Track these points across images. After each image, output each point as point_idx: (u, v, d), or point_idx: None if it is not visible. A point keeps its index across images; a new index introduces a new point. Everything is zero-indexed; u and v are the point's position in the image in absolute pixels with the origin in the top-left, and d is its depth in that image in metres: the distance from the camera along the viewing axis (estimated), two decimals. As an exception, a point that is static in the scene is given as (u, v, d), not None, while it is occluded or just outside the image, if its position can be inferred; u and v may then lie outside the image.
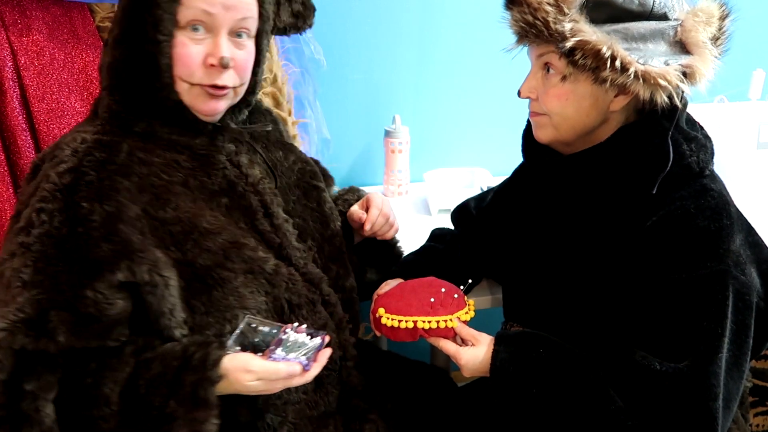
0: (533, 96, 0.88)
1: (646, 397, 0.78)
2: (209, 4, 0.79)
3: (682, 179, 0.83)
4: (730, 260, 0.79)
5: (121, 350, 0.78)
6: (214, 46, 0.81)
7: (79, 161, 0.79)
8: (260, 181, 0.91)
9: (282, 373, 0.76)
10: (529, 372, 0.84)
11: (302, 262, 0.92)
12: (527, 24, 0.81)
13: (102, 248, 0.76)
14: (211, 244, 0.82)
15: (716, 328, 0.77)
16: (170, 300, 0.79)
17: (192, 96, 0.83)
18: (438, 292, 0.92)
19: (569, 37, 0.77)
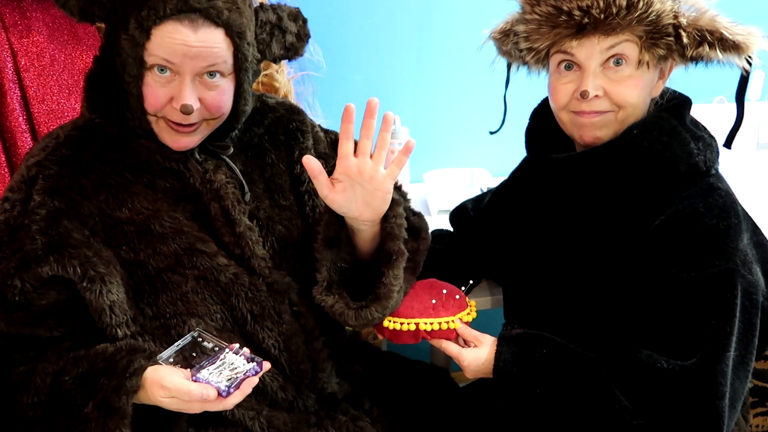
0: (600, 93, 0.83)
1: (652, 396, 0.78)
2: (170, 54, 0.77)
3: (690, 178, 0.82)
4: (738, 259, 0.79)
5: (59, 343, 0.81)
6: (178, 92, 0.80)
7: (45, 155, 0.83)
8: (224, 185, 0.88)
9: (194, 395, 0.73)
10: (532, 372, 0.84)
11: (267, 272, 0.89)
12: (618, 8, 0.77)
13: (36, 241, 0.79)
14: (164, 248, 0.83)
15: (725, 326, 0.77)
16: (109, 297, 0.80)
17: (159, 128, 0.84)
18: (439, 293, 0.92)
19: (683, 24, 0.78)
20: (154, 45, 0.77)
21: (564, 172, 0.91)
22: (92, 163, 0.84)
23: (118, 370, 0.76)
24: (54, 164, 0.82)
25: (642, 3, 0.77)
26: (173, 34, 0.77)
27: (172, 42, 0.77)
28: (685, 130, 0.84)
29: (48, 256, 0.78)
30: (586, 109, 0.84)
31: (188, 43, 0.77)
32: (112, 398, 0.74)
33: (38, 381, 0.78)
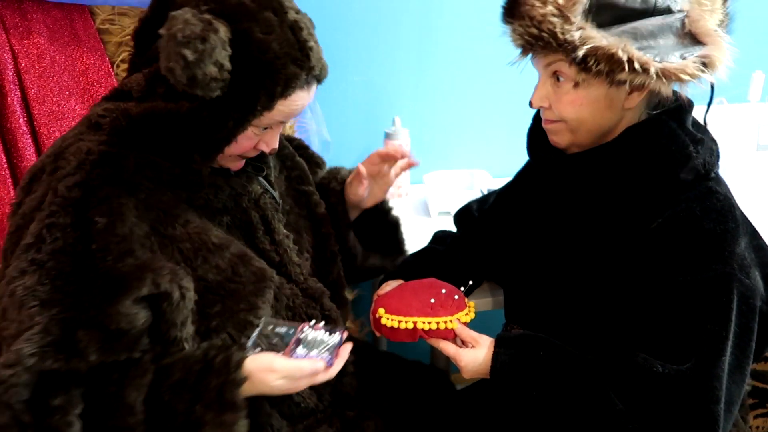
0: (545, 105, 0.86)
1: (648, 400, 0.78)
2: (286, 117, 0.82)
3: (689, 181, 0.82)
4: (735, 263, 0.79)
5: (140, 358, 0.77)
6: (271, 138, 0.86)
7: (87, 175, 0.77)
8: (261, 196, 0.92)
9: (306, 370, 0.78)
10: (529, 374, 0.84)
11: (302, 278, 0.93)
12: (532, 36, 0.79)
13: (126, 263, 0.74)
14: (220, 260, 0.82)
15: (720, 330, 0.77)
16: (184, 312, 0.78)
17: (227, 160, 0.86)
18: (438, 293, 0.92)
19: (580, 45, 0.76)
20: (276, 113, 0.80)
21: (562, 173, 0.91)
22: (135, 182, 0.79)
23: (218, 367, 0.76)
24: (102, 184, 0.77)
25: (546, 35, 0.78)
26: (297, 102, 0.81)
27: (295, 108, 0.82)
28: (685, 133, 0.83)
29: (144, 275, 0.74)
30: (542, 116, 0.90)
31: (304, 104, 0.83)
32: (224, 394, 0.75)
33: (130, 400, 0.74)
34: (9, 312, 0.73)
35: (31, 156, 1.15)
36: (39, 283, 0.73)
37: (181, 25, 0.71)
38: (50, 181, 0.78)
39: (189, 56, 0.71)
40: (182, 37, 0.71)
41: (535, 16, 0.78)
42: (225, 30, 0.73)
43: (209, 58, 0.71)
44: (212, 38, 0.71)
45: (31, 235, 0.75)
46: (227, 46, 0.73)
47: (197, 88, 0.73)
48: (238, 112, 0.77)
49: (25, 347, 0.70)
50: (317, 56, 0.81)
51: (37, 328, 0.71)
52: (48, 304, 0.72)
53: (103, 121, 0.82)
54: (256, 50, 0.75)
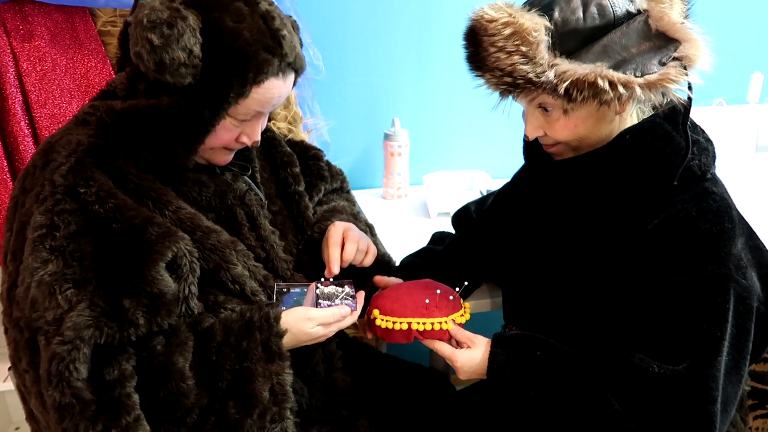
0: (540, 134, 0.87)
1: (644, 400, 0.78)
2: (263, 106, 0.82)
3: (684, 182, 0.82)
4: (731, 264, 0.79)
5: (177, 328, 0.79)
6: (251, 130, 0.86)
7: (79, 161, 0.79)
8: (246, 193, 0.93)
9: (337, 315, 0.85)
10: (526, 374, 0.85)
11: (289, 273, 0.94)
12: (508, 84, 0.78)
13: (151, 231, 0.77)
14: (215, 242, 0.84)
15: (716, 331, 0.77)
16: (191, 287, 0.80)
17: (211, 154, 0.87)
18: (433, 294, 0.92)
19: (558, 82, 0.75)
20: (251, 101, 0.80)
21: (559, 177, 0.92)
22: (125, 171, 0.81)
23: (259, 323, 0.81)
24: (96, 172, 0.79)
25: (521, 81, 0.77)
26: (272, 90, 0.81)
27: (270, 97, 0.82)
28: (679, 134, 0.83)
29: (168, 241, 0.77)
30: (541, 142, 0.90)
31: (281, 93, 0.83)
32: (271, 345, 0.80)
33: (180, 366, 0.76)
34: (39, 302, 0.74)
35: (32, 158, 1.16)
36: (66, 267, 0.74)
37: (147, 11, 0.73)
38: (44, 174, 0.79)
39: (155, 40, 0.73)
40: (147, 22, 0.73)
41: (504, 67, 0.77)
42: (194, 18, 0.75)
43: (176, 43, 0.73)
44: (180, 24, 0.73)
45: (41, 226, 0.75)
46: (197, 34, 0.75)
47: (166, 74, 0.74)
48: (212, 99, 0.78)
49: (80, 320, 0.71)
50: (290, 44, 0.81)
51: (82, 304, 0.73)
52: (82, 283, 0.74)
53: (90, 119, 0.85)
54: (227, 38, 0.76)
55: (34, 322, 0.74)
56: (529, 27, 0.76)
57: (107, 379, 0.73)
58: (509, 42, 0.76)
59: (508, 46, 0.77)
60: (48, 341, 0.72)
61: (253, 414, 0.78)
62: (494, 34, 0.77)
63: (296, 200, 1.03)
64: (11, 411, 1.67)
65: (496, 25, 0.77)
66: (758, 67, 1.61)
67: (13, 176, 1.16)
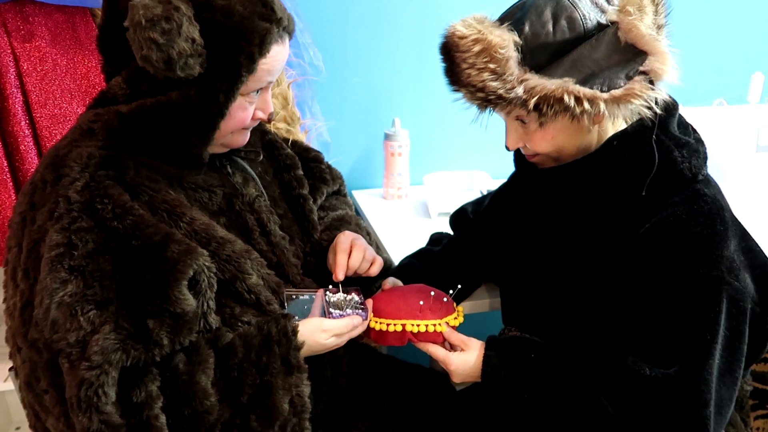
0: (521, 145, 0.88)
1: (636, 404, 0.78)
2: (273, 74, 0.82)
3: (675, 185, 0.82)
4: (723, 266, 0.79)
5: (198, 345, 0.79)
6: (263, 103, 0.86)
7: (92, 176, 0.77)
8: (256, 199, 0.93)
9: (350, 325, 0.86)
10: (520, 377, 0.85)
11: (299, 278, 0.94)
12: (481, 99, 0.80)
13: (172, 249, 0.76)
14: (230, 252, 0.83)
15: (706, 334, 0.77)
16: (209, 303, 0.79)
17: (230, 138, 0.87)
18: (427, 296, 0.92)
19: (527, 98, 0.76)
20: (260, 73, 0.80)
21: (550, 183, 0.92)
22: (139, 182, 0.79)
23: (277, 337, 0.81)
24: (112, 186, 0.77)
25: (493, 97, 0.78)
26: (276, 57, 0.81)
27: (276, 65, 0.82)
28: (669, 138, 0.83)
29: (189, 258, 0.76)
30: (523, 152, 0.91)
31: (283, 58, 0.83)
32: (290, 358, 0.81)
33: (202, 384, 0.76)
34: (60, 323, 0.72)
35: (32, 159, 1.15)
36: (87, 287, 0.73)
37: (142, 11, 0.72)
38: (56, 190, 0.77)
39: (159, 39, 0.71)
40: (146, 22, 0.71)
41: (475, 83, 0.78)
42: (186, 6, 0.74)
43: (178, 36, 0.72)
44: (176, 16, 0.72)
45: (58, 245, 0.74)
46: (193, 21, 0.74)
47: (176, 69, 0.73)
48: (224, 82, 0.77)
49: (107, 344, 0.70)
50: (280, 7, 0.81)
51: (107, 326, 0.72)
52: (104, 304, 0.73)
53: (95, 126, 0.82)
54: (222, 17, 0.75)
55: (55, 343, 0.73)
56: (497, 43, 0.77)
57: (135, 402, 0.72)
58: (479, 59, 0.77)
59: (477, 62, 0.78)
60: (72, 364, 0.71)
61: (274, 426, 0.79)
62: (465, 51, 0.78)
63: (301, 203, 1.03)
64: (11, 411, 1.67)
65: (467, 42, 0.78)
66: (758, 67, 1.61)
67: (14, 176, 1.16)
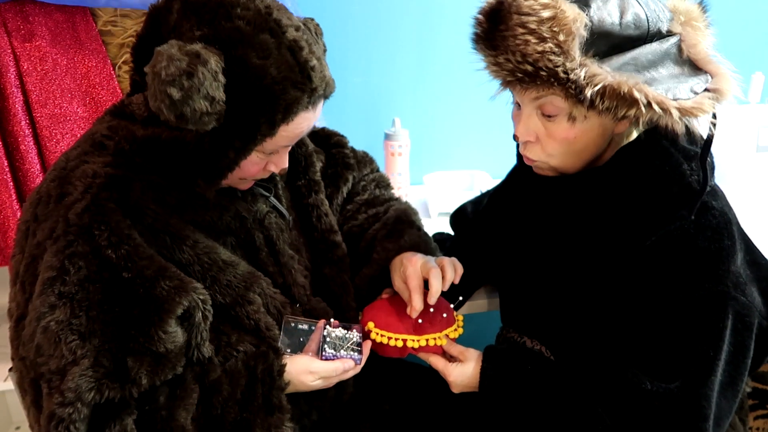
0: (532, 139, 0.80)
1: (635, 417, 0.78)
2: (289, 140, 0.79)
3: (683, 198, 0.80)
4: (729, 281, 0.77)
5: (183, 379, 0.78)
6: (279, 159, 0.83)
7: (95, 198, 0.75)
8: (266, 216, 0.91)
9: (339, 369, 0.85)
10: (517, 390, 0.84)
11: (306, 299, 0.93)
12: (525, 74, 0.71)
13: (163, 285, 0.74)
14: (231, 278, 0.82)
15: (709, 350, 0.76)
16: (203, 334, 0.79)
17: (235, 182, 0.85)
18: (427, 310, 0.91)
19: (587, 84, 0.69)
20: (280, 138, 0.77)
21: (555, 191, 0.90)
22: (143, 205, 0.77)
23: (262, 376, 0.80)
24: (111, 210, 0.75)
25: (545, 73, 0.69)
26: (301, 125, 0.77)
27: (299, 132, 0.78)
28: (678, 150, 0.81)
29: (181, 295, 0.75)
30: (522, 152, 0.84)
31: (310, 124, 0.79)
32: (272, 399, 0.80)
33: (182, 420, 0.75)
34: (45, 348, 0.72)
35: (33, 159, 1.15)
36: (73, 316, 0.72)
37: (165, 63, 0.68)
38: (59, 209, 0.76)
39: (175, 95, 0.68)
40: (166, 76, 0.67)
41: (530, 53, 0.69)
42: (217, 59, 0.69)
43: (197, 94, 0.68)
44: (200, 72, 0.68)
45: (52, 267, 0.73)
46: (220, 76, 0.70)
47: (189, 124, 0.70)
48: (239, 140, 0.74)
49: (82, 383, 0.70)
50: (320, 75, 0.76)
51: (86, 361, 0.71)
52: (87, 336, 0.72)
53: (108, 143, 0.81)
54: (253, 77, 0.71)
55: (38, 367, 0.73)
56: (571, 16, 0.68)
57: None
58: (545, 26, 0.68)
59: (542, 30, 0.68)
60: (50, 391, 0.71)
61: None
62: (529, 14, 0.69)
63: (308, 212, 1.00)
64: (11, 411, 1.68)
65: (534, 5, 0.69)
66: (759, 67, 1.61)
67: (14, 176, 1.16)
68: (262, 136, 0.75)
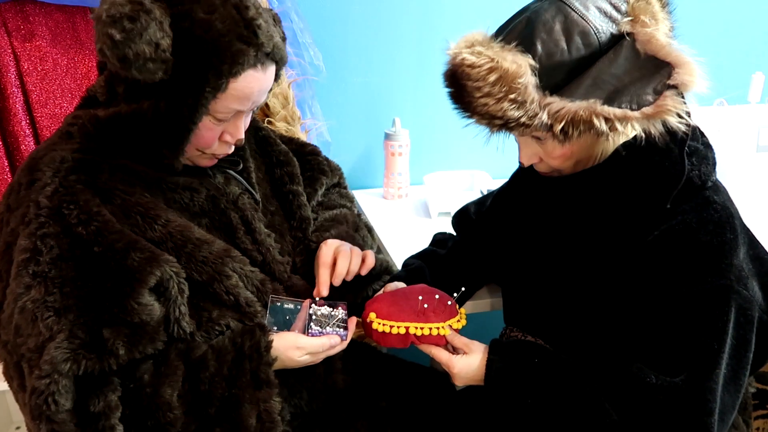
0: (536, 161, 0.85)
1: (641, 411, 0.78)
2: (243, 102, 0.80)
3: (685, 193, 0.81)
4: (732, 275, 0.77)
5: (167, 356, 0.79)
6: (234, 129, 0.84)
7: (63, 180, 0.77)
8: (239, 197, 0.92)
9: (326, 345, 0.86)
10: (524, 382, 0.84)
11: (286, 276, 0.94)
12: (500, 126, 0.75)
13: (134, 257, 0.75)
14: (207, 254, 0.82)
15: (714, 343, 0.77)
16: (181, 308, 0.79)
17: (196, 157, 0.86)
18: (431, 299, 0.91)
19: (552, 122, 0.72)
20: (230, 96, 0.78)
21: (557, 189, 0.91)
22: (110, 188, 0.79)
23: (249, 352, 0.81)
24: (80, 191, 0.77)
25: (513, 124, 0.73)
26: (251, 83, 0.78)
27: (249, 91, 0.79)
28: (677, 145, 0.81)
29: (152, 266, 0.75)
30: (536, 168, 0.88)
31: (261, 87, 0.80)
32: (258, 375, 0.80)
33: (167, 397, 0.76)
34: (23, 328, 0.73)
35: (33, 158, 1.15)
36: (47, 294, 0.73)
37: (107, 6, 0.71)
38: (29, 194, 0.77)
39: (116, 35, 0.70)
40: (107, 17, 0.70)
41: (493, 112, 0.73)
42: (161, 11, 0.72)
43: (139, 37, 0.70)
44: (143, 18, 0.70)
45: (25, 249, 0.74)
46: (165, 27, 0.72)
47: (132, 69, 0.72)
48: (189, 96, 0.75)
49: (57, 354, 0.70)
50: (267, 34, 0.78)
51: (62, 335, 0.72)
52: (62, 311, 0.73)
53: (73, 129, 0.82)
54: (199, 29, 0.73)
55: (18, 348, 0.74)
56: (513, 71, 0.71)
57: (92, 411, 0.72)
58: (495, 88, 0.72)
59: (494, 92, 0.72)
60: (31, 369, 0.72)
61: None
62: (478, 80, 0.73)
63: (290, 199, 1.02)
64: (11, 411, 1.67)
65: (480, 72, 0.73)
66: (759, 67, 1.61)
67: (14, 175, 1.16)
68: (212, 89, 0.75)
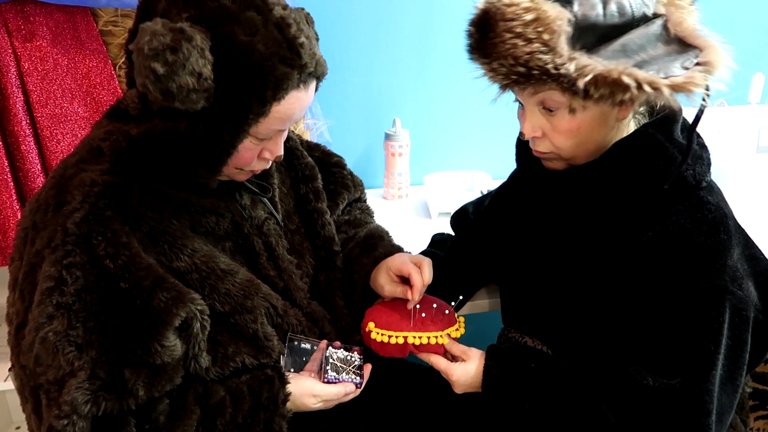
0: (538, 135, 0.83)
1: (638, 414, 0.78)
2: (282, 123, 0.77)
3: (679, 193, 0.81)
4: (726, 275, 0.78)
5: (185, 399, 0.78)
6: (274, 146, 0.82)
7: (92, 207, 0.74)
8: (264, 222, 0.90)
9: (341, 393, 0.87)
10: (521, 387, 0.84)
11: (306, 302, 0.93)
12: (519, 75, 0.73)
13: (161, 297, 0.74)
14: (230, 286, 0.82)
15: (710, 344, 0.76)
16: (200, 344, 0.78)
17: (234, 174, 0.83)
18: (429, 308, 0.91)
19: (578, 76, 0.71)
20: (272, 119, 0.75)
21: (553, 186, 0.91)
22: (139, 214, 0.76)
23: (266, 403, 0.81)
24: (108, 219, 0.74)
25: (537, 72, 0.72)
26: (293, 105, 0.76)
27: (292, 112, 0.77)
28: (673, 145, 0.81)
29: (179, 306, 0.74)
30: (532, 146, 0.86)
31: (302, 105, 0.78)
32: (273, 425, 0.81)
33: None
34: (43, 358, 0.72)
35: (33, 159, 1.16)
36: (70, 327, 0.71)
37: (148, 38, 0.67)
38: (57, 217, 0.75)
39: (159, 69, 0.67)
40: (149, 50, 0.67)
41: (520, 55, 0.72)
42: (202, 37, 0.68)
43: (182, 69, 0.67)
44: (185, 47, 0.67)
45: (50, 278, 0.73)
46: (206, 54, 0.68)
47: (176, 102, 0.69)
48: (231, 122, 0.73)
49: (78, 395, 0.69)
50: (310, 52, 0.75)
51: (83, 373, 0.70)
52: (84, 347, 0.72)
53: (104, 145, 0.80)
54: (240, 54, 0.70)
55: (37, 377, 0.73)
56: (552, 15, 0.71)
57: None
58: (529, 28, 0.71)
59: (528, 32, 0.71)
60: (49, 403, 0.71)
61: None
62: (513, 19, 0.72)
63: (314, 218, 1.00)
64: (11, 411, 1.68)
65: (516, 10, 0.72)
66: (759, 68, 1.61)
67: (14, 176, 1.16)
68: (255, 115, 0.73)
